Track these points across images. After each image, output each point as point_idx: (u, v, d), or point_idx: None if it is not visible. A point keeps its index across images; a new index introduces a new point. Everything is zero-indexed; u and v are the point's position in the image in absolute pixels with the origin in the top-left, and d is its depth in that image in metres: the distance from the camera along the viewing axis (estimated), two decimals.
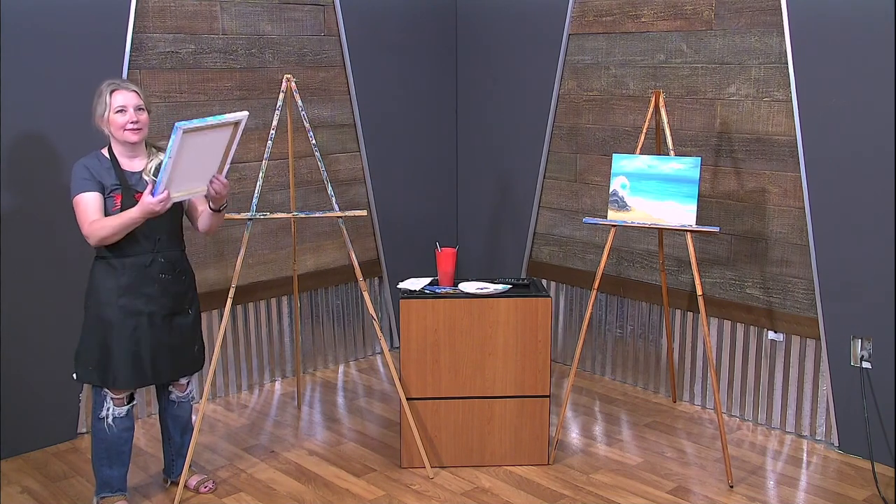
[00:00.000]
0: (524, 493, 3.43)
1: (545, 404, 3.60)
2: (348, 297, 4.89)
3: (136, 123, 3.02)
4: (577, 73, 4.54)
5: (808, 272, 3.79)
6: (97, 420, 3.15)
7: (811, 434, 3.90)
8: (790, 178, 3.80)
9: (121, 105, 3.00)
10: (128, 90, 3.02)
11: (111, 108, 2.99)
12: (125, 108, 3.00)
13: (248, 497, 3.42)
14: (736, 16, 3.88)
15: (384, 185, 4.89)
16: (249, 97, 4.29)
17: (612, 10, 4.33)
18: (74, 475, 3.57)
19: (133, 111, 3.01)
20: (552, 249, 4.82)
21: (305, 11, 4.44)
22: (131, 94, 3.02)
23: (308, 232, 4.61)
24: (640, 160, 3.60)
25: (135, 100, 3.02)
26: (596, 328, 4.67)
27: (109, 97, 3.00)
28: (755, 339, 4.05)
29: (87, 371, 3.10)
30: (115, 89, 3.01)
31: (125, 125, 3.00)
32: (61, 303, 3.66)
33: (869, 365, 3.61)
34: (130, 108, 3.01)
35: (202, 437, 3.88)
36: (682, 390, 4.34)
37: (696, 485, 3.50)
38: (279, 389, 4.53)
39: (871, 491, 3.44)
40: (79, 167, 3.01)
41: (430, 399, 3.58)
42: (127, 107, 3.00)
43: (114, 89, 3.01)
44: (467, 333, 3.54)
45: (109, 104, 2.99)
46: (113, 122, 3.01)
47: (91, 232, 2.96)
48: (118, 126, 3.00)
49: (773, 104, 3.82)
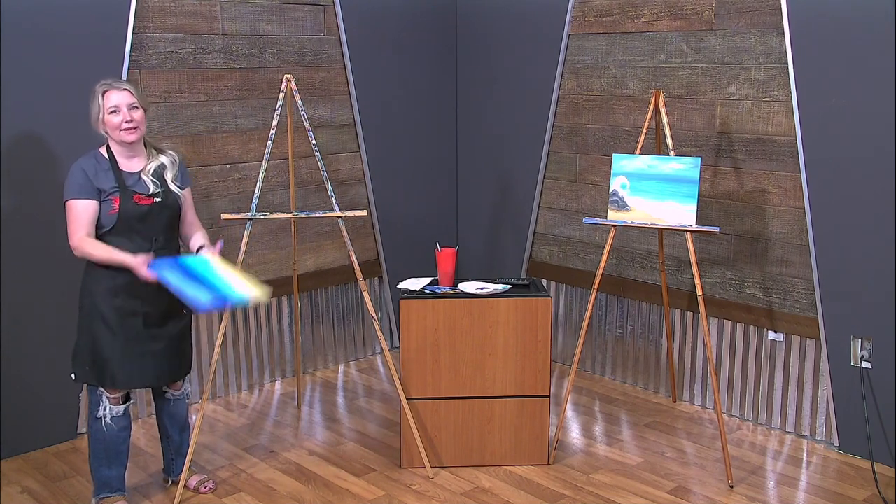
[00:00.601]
0: (524, 493, 3.43)
1: (545, 404, 3.60)
2: (348, 297, 4.89)
3: (131, 122, 3.00)
4: (577, 73, 4.54)
5: (808, 272, 3.79)
6: (94, 420, 3.15)
7: (811, 434, 3.90)
8: (790, 178, 3.80)
9: (114, 105, 2.98)
10: (119, 89, 3.00)
11: (104, 109, 2.99)
12: (118, 108, 2.99)
13: (248, 497, 3.42)
14: (736, 16, 3.88)
15: (384, 185, 4.89)
16: (249, 97, 4.29)
17: (612, 10, 4.33)
18: (74, 475, 3.57)
19: (126, 110, 2.99)
20: (552, 249, 4.82)
21: (305, 11, 4.44)
22: (123, 93, 3.00)
23: (308, 232, 4.61)
24: (640, 160, 3.60)
25: (127, 98, 3.00)
26: (596, 328, 4.67)
27: (102, 98, 2.99)
28: (755, 339, 4.05)
29: (84, 371, 3.10)
30: (106, 90, 3.00)
31: (120, 125, 2.99)
32: (61, 303, 3.66)
33: (869, 365, 3.61)
34: (124, 107, 2.99)
35: (202, 437, 3.88)
36: (682, 390, 4.34)
37: (696, 485, 3.50)
38: (279, 389, 4.53)
39: (871, 491, 3.44)
40: (76, 169, 3.00)
41: (430, 399, 3.58)
42: (120, 106, 2.99)
43: (105, 90, 3.00)
44: (467, 333, 3.54)
45: (103, 105, 2.99)
46: (108, 123, 3.00)
47: (79, 247, 2.96)
48: (113, 127, 3.00)
49: (773, 104, 3.82)
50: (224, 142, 4.24)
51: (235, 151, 4.28)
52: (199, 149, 4.15)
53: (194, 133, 4.13)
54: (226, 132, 4.24)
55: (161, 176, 3.10)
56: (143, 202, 3.02)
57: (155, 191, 3.06)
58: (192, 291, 2.85)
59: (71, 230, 2.97)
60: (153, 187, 3.06)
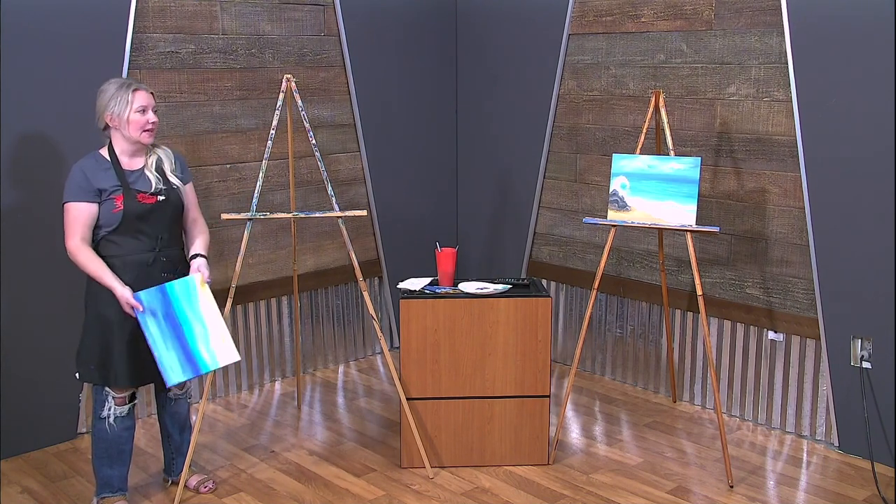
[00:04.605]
0: (524, 493, 3.43)
1: (545, 404, 3.60)
2: (348, 297, 4.89)
3: (154, 124, 3.05)
4: (577, 73, 4.54)
5: (808, 272, 3.79)
6: (98, 420, 3.15)
7: (811, 434, 3.90)
8: (790, 178, 3.80)
9: (143, 105, 3.00)
10: (146, 91, 3.04)
11: (132, 107, 2.99)
12: (146, 108, 3.01)
13: (248, 497, 3.42)
14: (736, 16, 3.88)
15: (384, 185, 4.89)
16: (249, 97, 4.29)
17: (612, 10, 4.33)
18: (74, 475, 3.57)
19: (151, 111, 3.03)
20: (552, 249, 4.82)
21: (305, 11, 4.44)
22: (150, 96, 3.05)
23: (308, 232, 4.61)
24: (640, 160, 3.60)
25: (152, 100, 3.06)
26: (596, 328, 4.67)
27: (132, 95, 2.99)
28: (755, 339, 4.05)
29: (88, 370, 3.10)
30: (136, 88, 3.01)
31: (144, 125, 3.01)
32: (61, 303, 3.66)
33: (869, 365, 3.61)
34: (150, 108, 3.03)
35: (202, 436, 3.88)
36: (682, 390, 4.34)
37: (696, 485, 3.50)
38: (279, 389, 4.53)
39: (871, 491, 3.44)
40: (75, 171, 3.00)
41: (430, 399, 3.58)
42: (147, 107, 3.02)
43: (136, 88, 3.01)
44: (467, 333, 3.54)
45: (131, 102, 2.99)
46: (133, 122, 3.00)
47: (73, 252, 2.98)
48: (138, 126, 3.00)
49: (773, 104, 3.82)
50: (224, 142, 4.24)
51: (235, 151, 4.28)
52: (199, 149, 4.15)
53: (194, 133, 4.13)
54: (226, 132, 4.24)
55: (160, 169, 3.12)
56: (146, 200, 3.03)
57: (158, 188, 3.07)
58: (167, 359, 2.99)
59: (67, 233, 2.98)
60: (156, 183, 3.07)
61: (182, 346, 3.02)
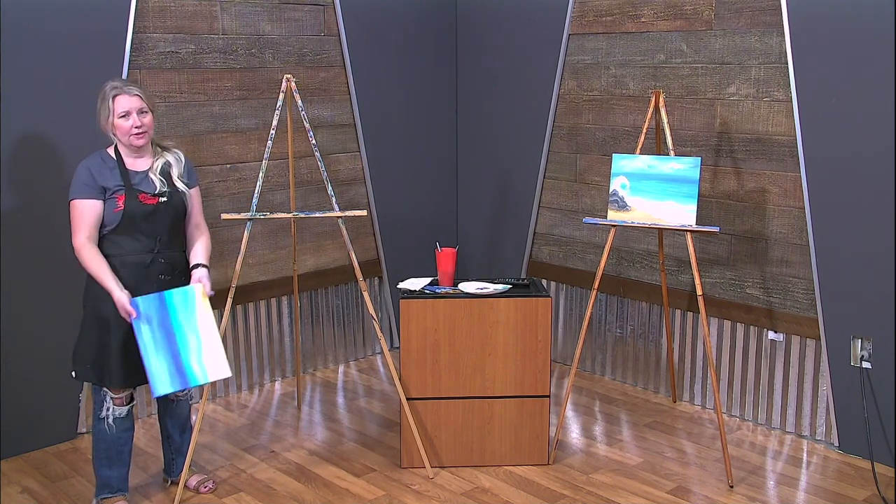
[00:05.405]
0: (524, 493, 3.43)
1: (545, 404, 3.60)
2: (348, 297, 4.89)
3: (141, 127, 3.01)
4: (577, 73, 4.54)
5: (808, 272, 3.79)
6: (97, 420, 3.15)
7: (811, 434, 3.90)
8: (790, 178, 3.80)
9: (124, 110, 2.98)
10: (130, 94, 2.99)
11: (114, 113, 2.98)
12: (129, 113, 2.99)
13: (248, 497, 3.42)
14: (736, 16, 3.88)
15: (384, 185, 4.89)
16: (249, 97, 4.29)
17: (612, 10, 4.33)
18: (74, 475, 3.57)
19: (136, 115, 3.00)
20: (552, 249, 4.82)
21: (305, 11, 4.44)
22: (134, 98, 3.00)
23: (308, 232, 4.61)
24: (640, 160, 3.60)
25: (137, 103, 3.00)
26: (596, 328, 4.67)
27: (112, 102, 2.98)
28: (755, 339, 4.05)
29: (84, 369, 3.10)
30: (117, 94, 2.99)
31: (130, 130, 3.00)
32: (61, 303, 3.66)
33: (869, 365, 3.61)
34: (134, 112, 2.99)
35: (202, 436, 3.88)
36: (682, 390, 4.34)
37: (696, 485, 3.50)
38: (279, 389, 4.53)
39: (871, 491, 3.44)
40: (81, 169, 3.01)
41: (430, 399, 3.58)
42: (130, 111, 2.99)
43: (116, 94, 2.98)
44: (467, 333, 3.54)
45: (113, 110, 2.98)
46: (118, 127, 3.00)
47: (78, 250, 2.98)
48: (123, 131, 3.00)
49: (773, 104, 3.82)
50: (224, 142, 4.24)
51: (235, 151, 4.28)
52: (199, 149, 4.15)
53: (194, 133, 4.13)
54: (226, 132, 4.24)
55: (167, 173, 3.11)
56: (148, 201, 3.03)
57: (161, 190, 3.07)
58: (156, 368, 2.96)
59: (74, 230, 2.99)
60: (160, 185, 3.07)
61: (173, 356, 3.00)
